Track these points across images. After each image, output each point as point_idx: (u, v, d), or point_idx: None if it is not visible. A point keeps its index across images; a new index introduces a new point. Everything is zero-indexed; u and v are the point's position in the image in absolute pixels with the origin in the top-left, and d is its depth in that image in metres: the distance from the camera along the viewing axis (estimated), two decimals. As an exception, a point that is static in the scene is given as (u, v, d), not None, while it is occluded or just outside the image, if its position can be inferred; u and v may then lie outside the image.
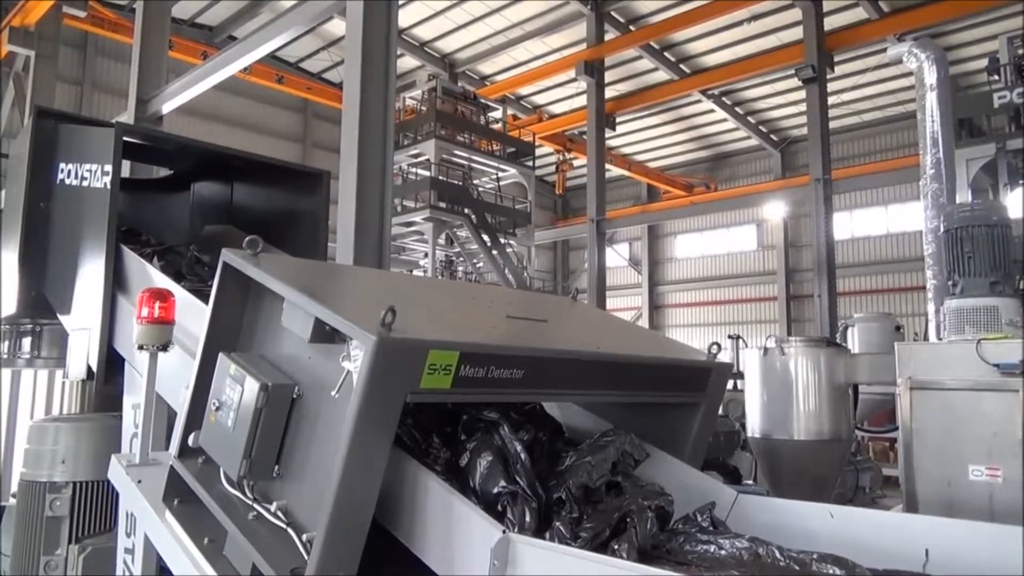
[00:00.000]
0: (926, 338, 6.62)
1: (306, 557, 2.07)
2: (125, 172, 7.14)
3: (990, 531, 2.35)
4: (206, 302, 2.66)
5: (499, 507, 2.31)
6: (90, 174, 4.20)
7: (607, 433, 2.83)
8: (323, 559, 2.00)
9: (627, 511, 2.39)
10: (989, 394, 4.07)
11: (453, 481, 2.32)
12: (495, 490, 2.33)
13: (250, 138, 21.60)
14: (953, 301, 4.57)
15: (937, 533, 2.37)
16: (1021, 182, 13.46)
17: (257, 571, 2.27)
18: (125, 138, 4.26)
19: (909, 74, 8.40)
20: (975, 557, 2.24)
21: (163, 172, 6.01)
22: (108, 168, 4.05)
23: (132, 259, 4.07)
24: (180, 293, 3.36)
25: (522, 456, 2.42)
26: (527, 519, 2.27)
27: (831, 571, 2.14)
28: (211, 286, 2.62)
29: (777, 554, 2.26)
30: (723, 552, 2.33)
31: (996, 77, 13.82)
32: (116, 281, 4.00)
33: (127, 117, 9.40)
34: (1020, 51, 14.12)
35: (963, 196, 11.13)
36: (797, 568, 2.19)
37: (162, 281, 3.67)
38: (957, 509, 4.05)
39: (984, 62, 15.63)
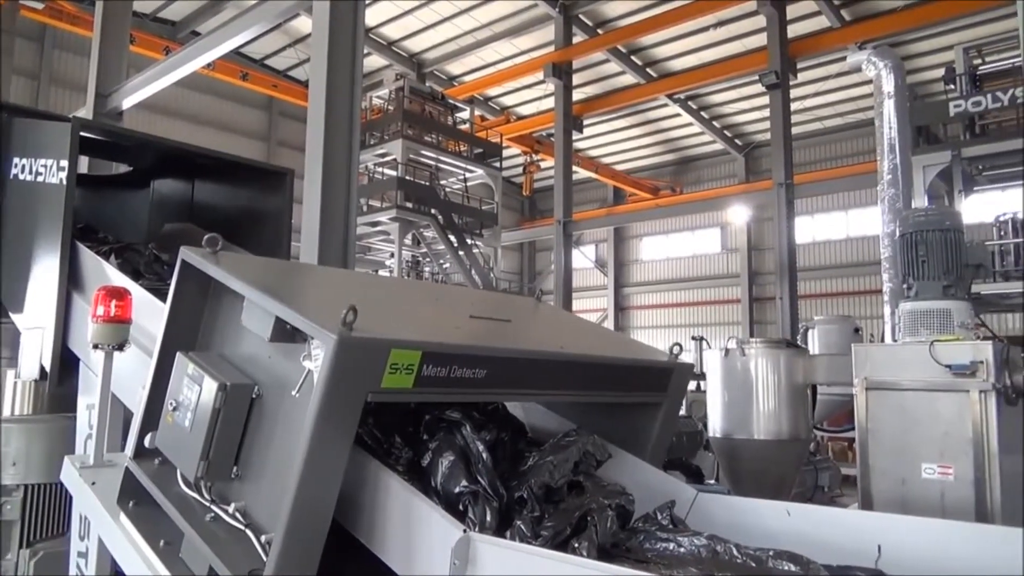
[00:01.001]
0: (882, 340, 6.76)
1: (264, 558, 2.05)
2: (83, 168, 7.00)
3: (941, 527, 2.41)
4: (165, 301, 2.62)
5: (460, 506, 2.31)
6: (45, 170, 4.10)
7: (569, 433, 2.84)
8: (281, 560, 1.98)
9: (588, 510, 2.40)
10: (941, 394, 4.18)
11: (415, 481, 2.31)
12: (457, 489, 2.32)
13: (214, 135, 21.27)
14: (908, 304, 4.69)
15: (890, 529, 2.42)
16: (975, 188, 13.88)
17: (214, 573, 2.24)
18: (82, 133, 4.17)
19: (869, 82, 8.59)
20: (926, 552, 2.29)
21: (122, 169, 5.90)
22: (64, 164, 3.96)
23: (88, 257, 3.98)
24: (137, 291, 3.30)
25: (484, 456, 2.42)
26: (488, 518, 2.27)
27: (787, 568, 2.17)
28: (170, 285, 2.57)
29: (734, 551, 2.29)
30: (682, 550, 2.36)
31: (952, 86, 14.23)
32: (71, 279, 3.91)
33: (86, 112, 9.19)
34: (975, 61, 14.55)
35: (919, 202, 11.43)
36: (754, 565, 2.22)
37: (119, 279, 3.60)
38: (910, 506, 4.15)
39: (941, 71, 16.08)
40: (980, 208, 14.36)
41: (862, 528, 2.47)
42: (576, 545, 2.27)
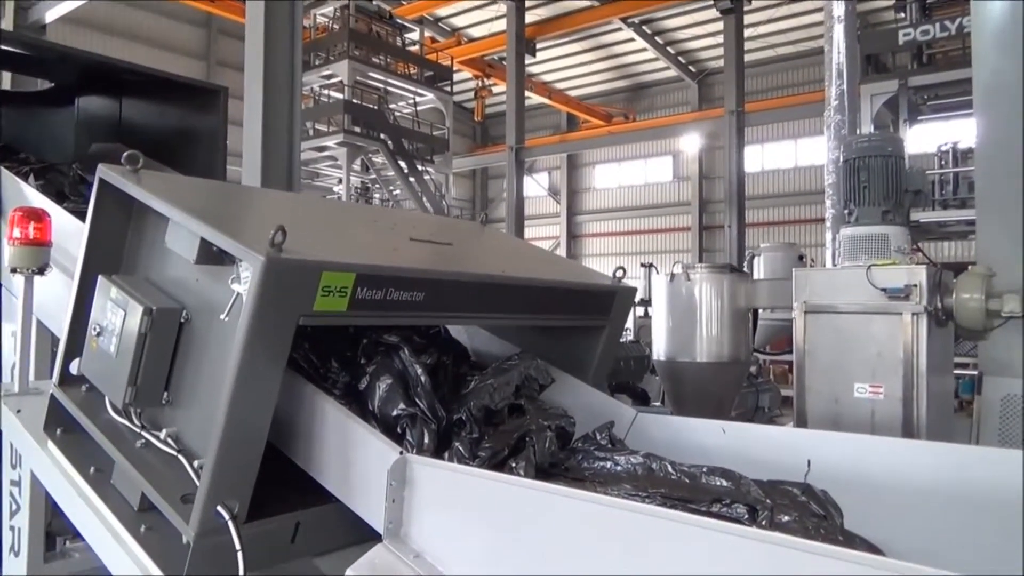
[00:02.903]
0: (824, 266, 6.91)
1: (197, 483, 2.02)
2: (5, 84, 6.58)
3: (869, 442, 2.50)
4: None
5: (399, 429, 2.30)
6: (-46, 82, 3.82)
7: (512, 357, 2.84)
8: (214, 484, 1.95)
9: (527, 431, 2.42)
10: (876, 317, 4.29)
11: (352, 405, 2.29)
12: (394, 412, 2.31)
13: (149, 53, 20.18)
14: (848, 229, 4.75)
15: (821, 445, 2.51)
16: (919, 118, 14.08)
17: (146, 499, 2.21)
18: (-3, 45, 3.88)
19: (820, 9, 8.52)
20: (854, 466, 2.38)
21: (46, 86, 5.54)
22: (-25, 76, 3.69)
23: (6, 178, 3.76)
24: (58, 213, 3.14)
25: (423, 379, 2.40)
26: (426, 440, 2.27)
27: (719, 483, 2.24)
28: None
29: (669, 468, 2.34)
30: (618, 468, 2.40)
31: (902, 15, 14.24)
32: None
33: (6, 24, 8.62)
34: (926, -11, 14.53)
35: (866, 130, 11.55)
36: (688, 481, 2.28)
37: (39, 201, 3.41)
38: (842, 424, 4.30)
39: (893, 1, 16.03)
40: (923, 139, 14.61)
41: (794, 444, 2.55)
42: (513, 465, 2.29)
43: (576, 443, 2.63)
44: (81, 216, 3.24)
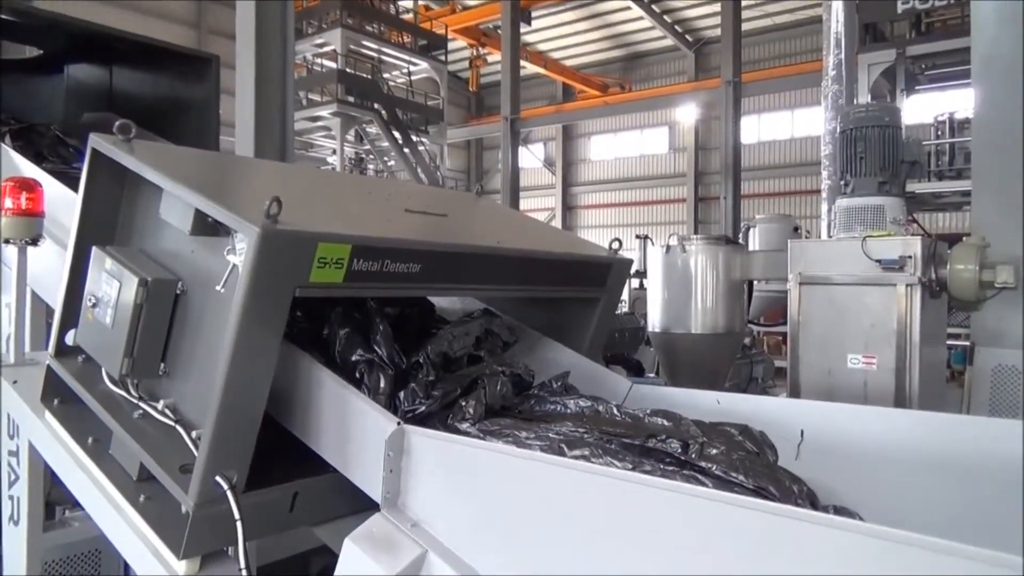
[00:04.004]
0: (819, 237, 6.91)
1: (195, 453, 2.03)
2: (-10, 52, 6.47)
3: (860, 411, 2.52)
4: (71, 185, 2.47)
5: (356, 374, 2.35)
6: (-60, 50, 3.76)
7: (474, 313, 2.88)
8: (212, 454, 1.96)
9: (480, 374, 2.47)
10: (870, 288, 4.32)
11: (314, 352, 2.32)
12: (353, 358, 2.36)
13: (141, 21, 19.82)
14: (844, 200, 4.76)
15: (813, 414, 2.53)
16: (916, 88, 14.00)
17: (145, 470, 2.22)
18: (-19, 11, 3.81)
19: (819, -25, 8.41)
20: (846, 435, 2.40)
21: (34, 53, 5.46)
22: (-38, 43, 3.63)
23: (-5, 147, 3.72)
24: (50, 183, 3.11)
25: (381, 327, 2.44)
26: (382, 385, 2.32)
27: (660, 422, 2.30)
28: (76, 168, 2.42)
29: (615, 411, 2.42)
30: (567, 410, 2.48)
31: (902, -18, 14.09)
32: None
33: (-10, -10, 8.45)
34: (926, -44, 14.36)
35: (863, 100, 11.50)
36: (629, 420, 2.34)
37: (30, 170, 3.38)
38: (836, 395, 4.35)
39: (892, -33, 15.85)
40: (921, 109, 14.55)
41: (788, 414, 2.57)
42: (463, 403, 2.34)
43: (533, 390, 2.69)
44: (61, 177, 3.22)
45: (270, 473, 2.17)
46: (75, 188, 2.48)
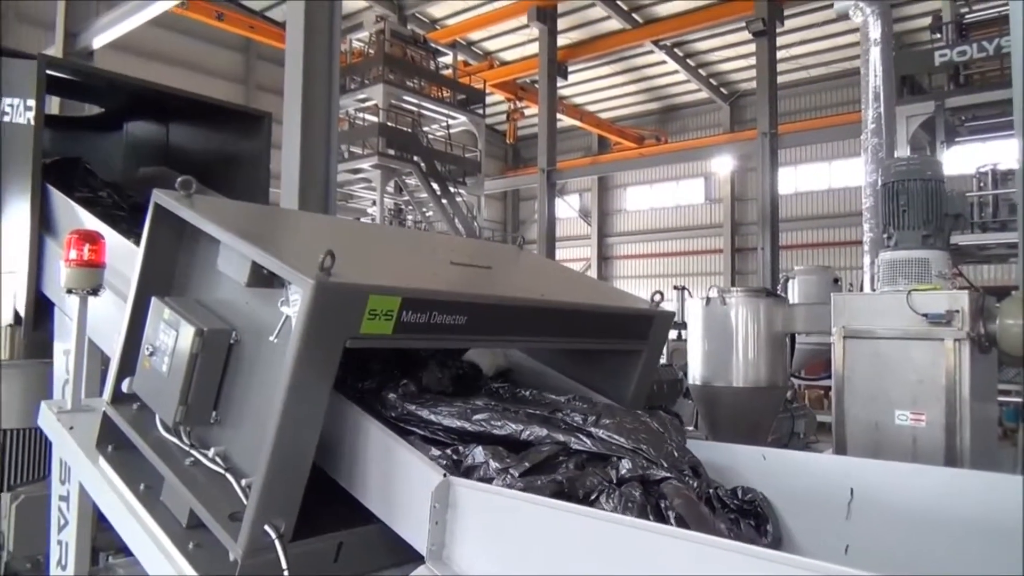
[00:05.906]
0: (861, 290, 6.82)
1: (245, 502, 2.06)
2: (54, 109, 6.81)
3: (911, 470, 2.46)
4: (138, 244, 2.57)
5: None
6: (11, 109, 3.97)
7: None
8: (262, 503, 1.99)
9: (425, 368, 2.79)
10: (916, 343, 4.23)
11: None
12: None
13: (190, 78, 20.65)
14: (887, 253, 4.71)
15: (863, 472, 2.47)
16: (956, 140, 13.89)
17: (195, 517, 2.25)
18: (51, 72, 4.03)
19: (855, 30, 8.48)
20: (897, 494, 2.34)
21: (96, 111, 5.73)
22: (31, 103, 3.83)
23: (60, 200, 3.89)
24: (111, 235, 3.24)
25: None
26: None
27: (579, 405, 2.64)
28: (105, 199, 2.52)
29: (536, 394, 2.81)
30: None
31: (939, 35, 14.10)
32: (43, 223, 3.83)
33: (55, 51, 8.91)
34: (962, 10, 14.40)
35: (902, 152, 11.43)
36: (545, 401, 2.73)
37: (92, 223, 3.52)
38: (883, 451, 4.24)
39: (928, 21, 15.90)
40: (961, 160, 14.40)
41: (836, 471, 2.52)
42: (405, 381, 2.60)
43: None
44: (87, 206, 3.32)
45: (315, 522, 2.18)
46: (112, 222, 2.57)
